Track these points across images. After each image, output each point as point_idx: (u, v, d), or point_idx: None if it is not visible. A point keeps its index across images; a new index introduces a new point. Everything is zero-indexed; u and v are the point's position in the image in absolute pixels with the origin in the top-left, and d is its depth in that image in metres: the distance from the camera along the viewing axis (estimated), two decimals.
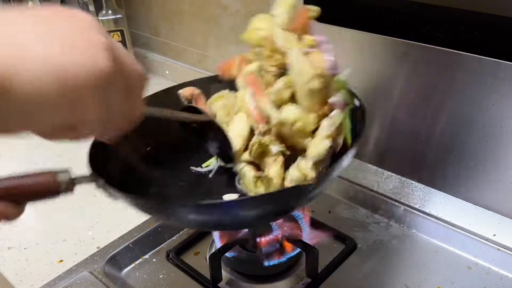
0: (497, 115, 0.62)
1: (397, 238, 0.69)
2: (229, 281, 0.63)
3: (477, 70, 0.62)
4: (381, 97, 0.74)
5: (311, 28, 0.57)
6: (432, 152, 0.71)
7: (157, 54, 1.29)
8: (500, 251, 0.64)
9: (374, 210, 0.75)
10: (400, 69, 0.70)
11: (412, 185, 0.74)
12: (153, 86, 1.27)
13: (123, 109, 0.33)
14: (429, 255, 0.66)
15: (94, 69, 0.29)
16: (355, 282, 0.63)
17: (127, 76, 0.32)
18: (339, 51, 0.70)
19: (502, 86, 0.60)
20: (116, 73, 0.30)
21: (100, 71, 0.29)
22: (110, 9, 1.10)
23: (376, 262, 0.66)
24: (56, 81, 0.27)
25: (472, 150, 0.66)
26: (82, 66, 0.28)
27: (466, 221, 0.68)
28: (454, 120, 0.67)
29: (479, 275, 0.63)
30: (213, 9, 1.05)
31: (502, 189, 0.65)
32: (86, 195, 0.83)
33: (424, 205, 0.72)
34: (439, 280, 0.62)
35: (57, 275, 0.64)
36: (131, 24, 1.31)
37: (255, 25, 0.57)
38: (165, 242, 0.71)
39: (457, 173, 0.69)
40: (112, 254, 0.67)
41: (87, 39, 0.29)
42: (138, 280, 0.65)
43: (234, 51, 1.06)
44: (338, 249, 0.67)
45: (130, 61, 0.33)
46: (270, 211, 0.47)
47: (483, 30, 0.61)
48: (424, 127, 0.70)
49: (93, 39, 0.29)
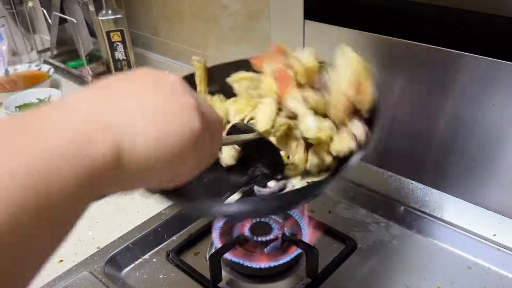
0: (497, 115, 0.62)
1: (397, 238, 0.69)
2: (229, 281, 0.63)
3: (477, 70, 0.62)
4: (381, 97, 0.74)
5: None
6: (432, 152, 0.71)
7: (157, 54, 1.29)
8: (500, 251, 0.64)
9: (374, 210, 0.75)
10: (400, 69, 0.70)
11: (412, 185, 0.74)
12: None
13: (210, 154, 0.37)
14: (429, 255, 0.66)
15: (191, 131, 0.32)
16: (355, 282, 0.63)
17: (212, 126, 0.35)
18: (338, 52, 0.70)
19: (502, 86, 0.60)
20: (204, 128, 0.33)
21: (195, 131, 0.32)
22: (110, 9, 1.10)
23: (376, 262, 0.66)
24: (163, 149, 0.30)
25: (472, 150, 0.66)
26: (182, 131, 0.31)
27: (466, 221, 0.68)
28: (454, 120, 0.67)
29: (479, 275, 0.63)
30: (213, 9, 1.05)
31: (502, 189, 0.65)
32: None
33: (424, 205, 0.72)
34: (439, 280, 0.62)
35: (57, 275, 0.64)
36: (131, 24, 1.30)
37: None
38: (165, 242, 0.71)
39: (457, 173, 0.69)
40: (112, 254, 0.67)
41: (180, 103, 0.32)
42: (138, 280, 0.65)
43: (234, 51, 1.06)
44: (338, 249, 0.67)
45: (211, 111, 0.36)
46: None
47: (483, 30, 0.61)
48: (424, 127, 0.70)
49: (184, 103, 0.32)
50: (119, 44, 1.13)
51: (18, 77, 1.29)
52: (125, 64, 1.15)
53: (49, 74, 1.25)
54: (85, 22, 1.25)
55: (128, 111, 0.29)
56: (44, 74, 1.27)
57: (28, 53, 1.48)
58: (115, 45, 1.13)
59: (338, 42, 0.75)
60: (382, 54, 0.71)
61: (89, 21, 1.24)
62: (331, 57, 0.71)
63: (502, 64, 0.59)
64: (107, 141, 0.27)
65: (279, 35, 0.84)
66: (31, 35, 1.43)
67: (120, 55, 1.14)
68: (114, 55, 1.14)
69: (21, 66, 1.32)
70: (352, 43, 0.74)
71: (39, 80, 1.22)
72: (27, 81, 1.26)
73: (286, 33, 0.82)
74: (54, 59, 1.37)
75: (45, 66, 1.29)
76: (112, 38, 1.12)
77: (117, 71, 1.16)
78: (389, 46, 0.69)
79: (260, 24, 0.95)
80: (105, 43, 1.13)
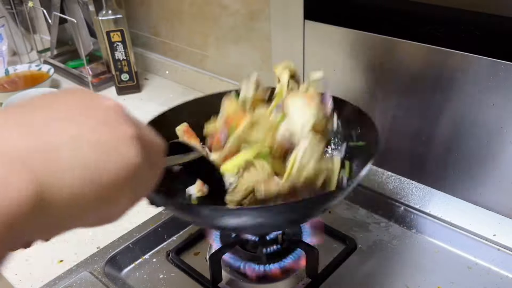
0: (497, 115, 0.62)
1: (397, 238, 0.69)
2: (229, 281, 0.63)
3: (477, 70, 0.62)
4: (381, 97, 0.74)
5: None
6: (432, 152, 0.71)
7: (157, 54, 1.29)
8: (500, 251, 0.64)
9: (374, 210, 0.75)
10: (400, 69, 0.70)
11: (412, 185, 0.74)
12: (153, 86, 1.27)
13: (150, 181, 0.34)
14: (429, 255, 0.66)
15: (128, 164, 0.28)
16: (355, 282, 0.63)
17: (152, 156, 0.32)
18: (338, 52, 0.70)
19: (502, 86, 0.60)
20: (144, 159, 0.30)
21: (133, 164, 0.29)
22: (110, 9, 1.10)
23: (376, 262, 0.66)
24: (92, 183, 0.27)
25: (472, 150, 0.66)
26: (116, 164, 0.28)
27: (466, 221, 0.68)
28: (454, 120, 0.67)
29: (479, 275, 0.63)
30: (213, 9, 1.05)
31: (502, 189, 0.65)
32: None
33: (424, 205, 0.72)
34: (439, 280, 0.62)
35: (57, 275, 0.64)
36: (131, 24, 1.31)
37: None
38: (165, 242, 0.71)
39: (457, 173, 0.69)
40: (112, 254, 0.67)
41: (116, 134, 0.28)
42: (138, 280, 0.65)
43: (234, 51, 1.06)
44: (338, 249, 0.67)
45: (152, 138, 0.33)
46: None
47: (483, 30, 0.61)
48: (424, 127, 0.70)
49: (122, 133, 0.29)
50: (119, 44, 1.13)
51: (18, 77, 1.29)
52: (125, 64, 1.15)
53: (49, 74, 1.25)
54: (85, 22, 1.25)
55: (50, 143, 0.26)
56: (44, 74, 1.27)
57: (28, 53, 1.48)
58: (115, 45, 1.13)
59: (338, 42, 0.76)
60: (382, 54, 0.71)
61: (89, 21, 1.24)
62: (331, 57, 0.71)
63: (502, 64, 0.59)
64: (25, 182, 0.24)
65: (279, 35, 0.83)
66: (31, 35, 1.43)
67: (120, 55, 1.14)
68: (114, 55, 1.14)
69: (21, 66, 1.32)
70: (352, 43, 0.74)
71: (39, 80, 1.22)
72: (27, 81, 1.27)
73: (286, 33, 0.82)
74: (54, 59, 1.37)
75: (45, 66, 1.29)
76: (112, 38, 1.12)
77: (117, 71, 1.16)
78: (389, 46, 0.69)
79: (260, 24, 0.95)
80: (105, 43, 1.13)
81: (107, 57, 1.18)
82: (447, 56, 0.64)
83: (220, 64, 1.12)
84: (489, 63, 0.60)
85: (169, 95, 1.20)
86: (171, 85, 1.25)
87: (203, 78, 1.16)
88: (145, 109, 1.12)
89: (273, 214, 0.49)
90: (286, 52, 0.84)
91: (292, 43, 0.81)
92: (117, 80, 1.18)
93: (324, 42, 0.77)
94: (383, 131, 0.75)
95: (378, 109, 0.75)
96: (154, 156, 0.33)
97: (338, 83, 0.77)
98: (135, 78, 1.19)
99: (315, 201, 0.50)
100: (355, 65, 0.74)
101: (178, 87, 1.24)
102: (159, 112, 0.64)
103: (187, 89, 1.22)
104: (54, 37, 1.34)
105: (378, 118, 0.75)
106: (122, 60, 1.15)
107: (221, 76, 1.13)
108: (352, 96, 0.77)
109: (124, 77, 1.18)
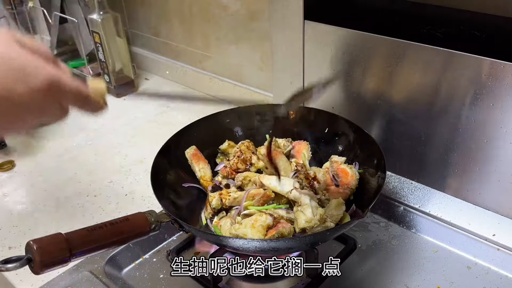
0: (497, 115, 0.62)
1: (397, 238, 0.69)
2: (229, 281, 0.63)
3: (477, 70, 0.62)
4: (381, 97, 0.74)
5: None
6: (432, 152, 0.71)
7: (157, 54, 1.29)
8: (500, 251, 0.64)
9: (374, 210, 0.75)
10: (400, 69, 0.70)
11: (412, 185, 0.74)
12: (153, 86, 1.27)
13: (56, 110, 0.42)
14: (429, 255, 0.67)
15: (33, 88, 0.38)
16: (355, 282, 0.63)
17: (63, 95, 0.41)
18: (338, 52, 0.70)
19: (502, 86, 0.60)
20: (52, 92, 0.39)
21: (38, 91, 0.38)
22: (107, 9, 1.11)
23: (376, 262, 0.66)
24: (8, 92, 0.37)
25: (472, 150, 0.66)
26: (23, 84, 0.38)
27: (466, 221, 0.68)
28: (454, 120, 0.67)
29: (479, 275, 0.63)
30: (213, 9, 1.05)
31: (502, 189, 0.66)
32: (86, 194, 0.84)
33: (424, 205, 0.72)
34: (439, 280, 0.62)
35: (57, 275, 0.64)
36: (131, 24, 1.31)
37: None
38: (165, 242, 0.71)
39: (457, 173, 0.69)
40: (112, 254, 0.67)
41: (34, 63, 0.39)
42: (138, 280, 0.65)
43: (234, 51, 1.06)
44: (338, 249, 0.67)
45: (69, 81, 0.41)
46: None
47: (483, 30, 0.61)
48: (424, 127, 0.70)
49: (37, 63, 0.39)
50: (99, 45, 1.13)
51: None
52: (105, 66, 1.15)
53: None
54: (85, 21, 1.25)
55: None
56: None
57: None
58: (97, 45, 1.14)
59: (337, 42, 0.76)
60: (382, 54, 0.71)
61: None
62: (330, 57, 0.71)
63: (502, 64, 0.59)
64: None
65: (279, 35, 0.84)
66: (31, 35, 1.43)
67: (101, 56, 1.14)
68: (98, 55, 1.15)
69: None
70: (352, 43, 0.74)
71: None
72: None
73: (286, 33, 0.82)
74: None
75: None
76: (95, 38, 1.13)
77: (103, 72, 1.17)
78: (389, 46, 0.69)
79: (260, 24, 0.95)
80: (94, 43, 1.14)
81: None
82: (447, 56, 0.64)
83: (220, 64, 1.12)
84: (489, 63, 0.60)
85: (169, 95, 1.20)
86: (171, 85, 1.25)
87: (203, 78, 1.16)
88: (145, 109, 1.12)
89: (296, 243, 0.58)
90: (286, 52, 0.84)
91: (292, 43, 0.81)
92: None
93: (323, 42, 0.77)
94: (383, 131, 0.75)
95: (378, 109, 0.75)
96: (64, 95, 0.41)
97: (338, 83, 0.77)
98: (113, 81, 1.17)
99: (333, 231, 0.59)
100: (355, 65, 0.74)
101: (178, 87, 1.24)
102: (171, 134, 0.71)
103: (187, 89, 1.22)
104: (54, 37, 1.34)
105: (378, 118, 0.76)
106: (103, 62, 1.15)
107: (221, 76, 1.13)
108: (352, 96, 0.78)
109: (106, 78, 1.17)
